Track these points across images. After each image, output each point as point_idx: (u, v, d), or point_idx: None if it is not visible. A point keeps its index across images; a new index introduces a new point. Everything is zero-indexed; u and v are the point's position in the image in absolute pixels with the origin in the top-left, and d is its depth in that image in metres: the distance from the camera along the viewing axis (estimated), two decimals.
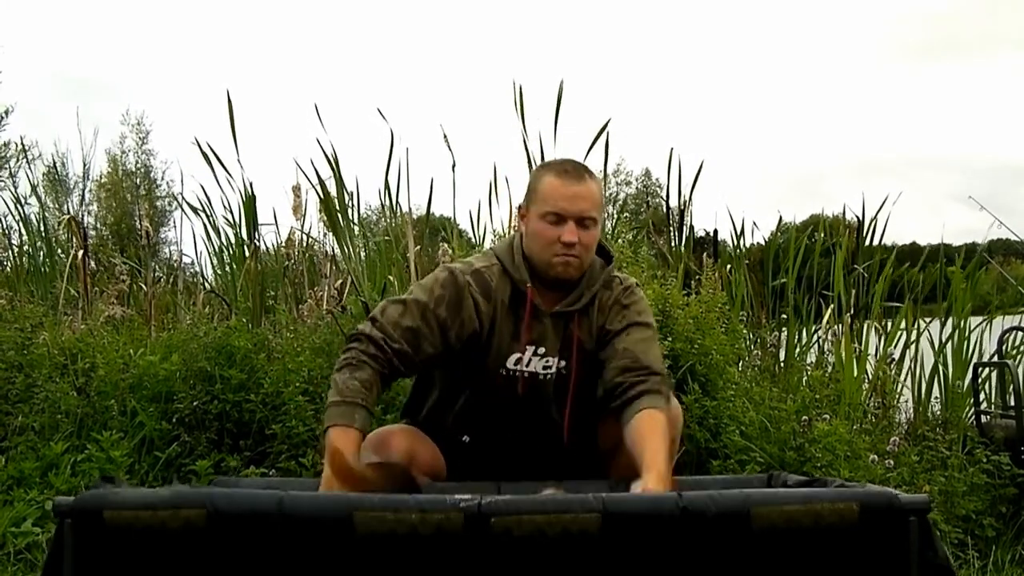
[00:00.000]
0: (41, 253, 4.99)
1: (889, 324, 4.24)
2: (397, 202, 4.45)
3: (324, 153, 4.26)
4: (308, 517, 1.43)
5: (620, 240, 3.97)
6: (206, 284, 5.11)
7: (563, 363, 2.03)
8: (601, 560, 1.44)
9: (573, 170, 2.04)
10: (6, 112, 19.39)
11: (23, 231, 5.03)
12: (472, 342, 2.00)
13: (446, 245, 3.99)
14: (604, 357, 2.03)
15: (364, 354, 1.91)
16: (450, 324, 1.97)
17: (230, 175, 4.35)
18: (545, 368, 2.04)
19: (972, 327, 4.10)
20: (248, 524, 1.43)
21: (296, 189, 4.47)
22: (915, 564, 1.50)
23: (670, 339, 3.01)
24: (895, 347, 4.08)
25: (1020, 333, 3.97)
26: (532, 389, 2.04)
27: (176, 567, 1.44)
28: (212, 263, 4.90)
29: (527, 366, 2.03)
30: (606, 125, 4.20)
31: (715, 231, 4.66)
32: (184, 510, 1.41)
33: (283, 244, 4.65)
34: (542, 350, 2.03)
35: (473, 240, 4.75)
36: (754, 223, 5.10)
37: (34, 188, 6.36)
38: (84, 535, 1.41)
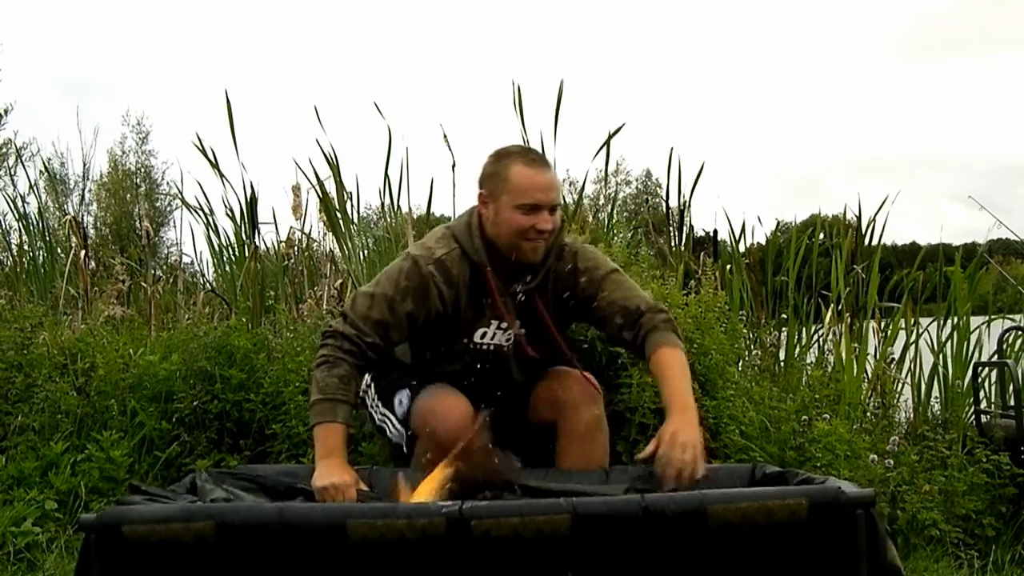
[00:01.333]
0: (41, 253, 4.98)
1: (887, 324, 4.24)
2: (397, 202, 4.45)
3: (324, 153, 4.27)
4: (306, 526, 1.58)
5: (618, 239, 3.96)
6: (206, 284, 5.12)
7: (522, 330, 2.20)
8: (573, 557, 1.58)
9: (539, 159, 2.17)
10: (5, 111, 19.36)
11: (23, 231, 5.03)
12: (437, 323, 2.14)
13: None
14: (597, 318, 2.21)
15: (340, 350, 2.04)
16: (416, 313, 2.10)
17: (226, 180, 4.35)
18: (507, 340, 2.21)
19: (972, 327, 4.09)
20: (253, 534, 1.58)
21: (296, 189, 4.48)
22: (863, 555, 1.61)
23: None
24: (895, 347, 4.08)
25: (1020, 333, 3.97)
26: (496, 359, 2.21)
27: (190, 574, 1.59)
28: (212, 263, 4.91)
29: (492, 339, 2.19)
30: (617, 131, 4.20)
31: (715, 231, 4.66)
32: (195, 523, 1.56)
33: (283, 244, 4.65)
34: (504, 324, 2.18)
35: None
36: (758, 219, 5.09)
37: (33, 187, 6.33)
38: (106, 549, 1.56)
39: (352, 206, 4.45)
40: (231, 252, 4.61)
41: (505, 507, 1.61)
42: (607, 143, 4.20)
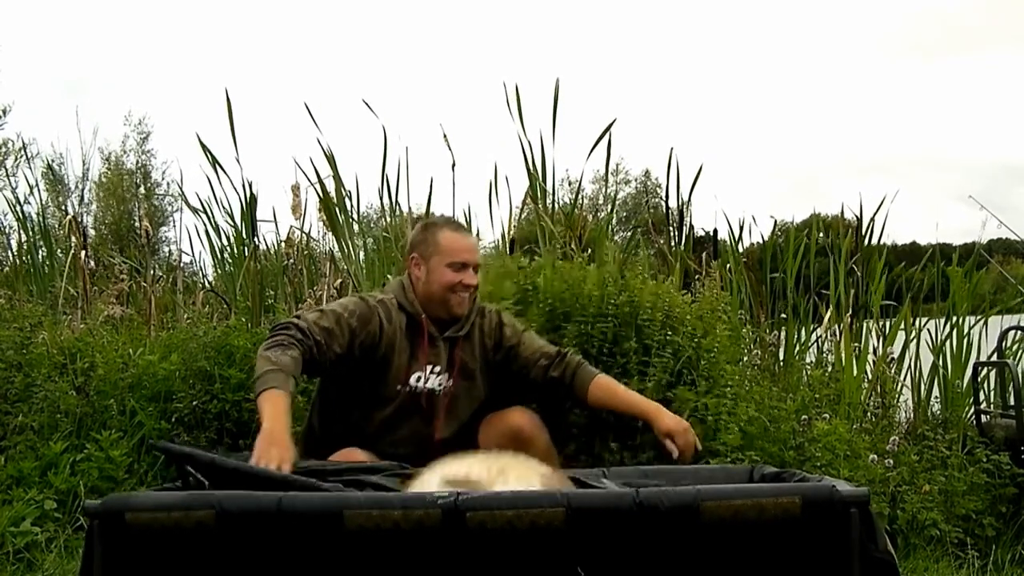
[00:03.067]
0: (40, 252, 4.97)
1: (887, 324, 4.24)
2: (397, 201, 4.45)
3: (323, 152, 4.26)
4: (304, 514, 1.60)
5: (617, 238, 3.96)
6: (206, 283, 5.11)
7: (449, 379, 2.42)
8: (567, 550, 1.60)
9: (463, 226, 2.62)
10: (5, 111, 19.36)
11: (22, 230, 5.02)
12: (375, 358, 2.32)
13: None
14: (523, 363, 2.49)
15: (292, 338, 2.18)
16: (358, 332, 2.29)
17: (228, 175, 4.34)
18: (439, 385, 2.41)
19: (971, 326, 4.09)
20: (252, 521, 1.60)
21: (295, 188, 4.47)
22: (856, 554, 1.62)
23: (670, 334, 3.00)
24: (894, 346, 4.07)
25: (1020, 332, 3.97)
26: (430, 402, 2.39)
27: (191, 560, 1.61)
28: (212, 262, 4.90)
29: (426, 384, 2.38)
30: (609, 127, 4.20)
31: (715, 230, 4.66)
32: (195, 511, 1.59)
33: (283, 244, 4.65)
34: (438, 368, 2.40)
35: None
36: (753, 218, 5.04)
37: (34, 187, 6.33)
38: (109, 535, 1.59)
39: (352, 205, 4.45)
40: (231, 251, 4.60)
41: (500, 499, 1.62)
42: (601, 139, 4.18)
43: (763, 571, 1.66)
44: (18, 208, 5.06)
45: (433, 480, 1.83)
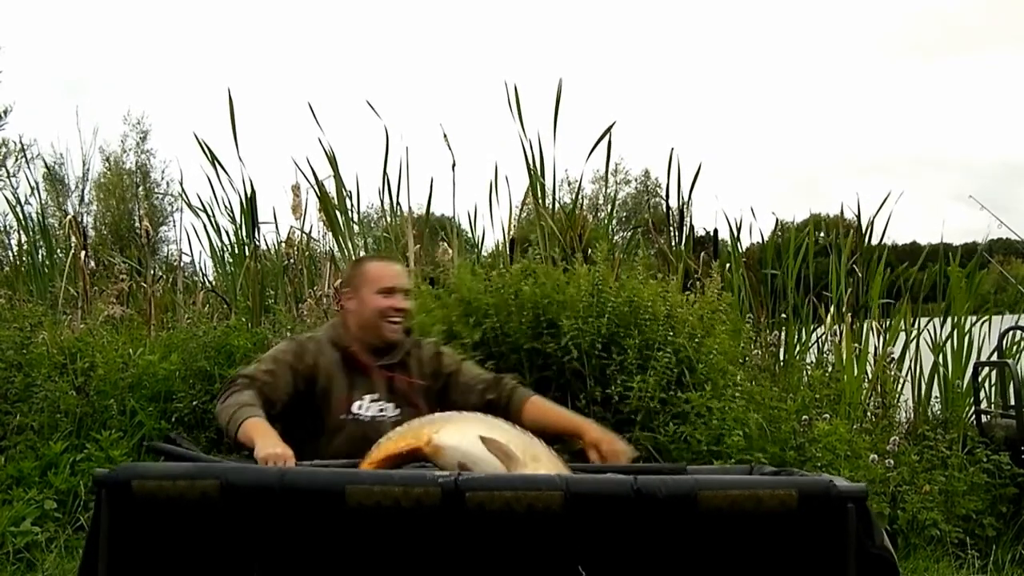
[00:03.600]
0: (40, 252, 4.97)
1: (888, 323, 4.24)
2: (397, 201, 4.45)
3: (324, 152, 4.26)
4: (306, 489, 1.62)
5: (617, 239, 3.96)
6: (206, 283, 5.11)
7: (391, 405, 2.49)
8: (565, 534, 1.61)
9: (388, 257, 2.70)
10: (5, 112, 19.34)
11: (22, 231, 5.02)
12: (316, 390, 2.43)
13: (446, 244, 3.99)
14: (460, 393, 2.56)
15: (243, 385, 2.30)
16: (296, 365, 2.41)
17: (228, 175, 4.34)
18: (381, 412, 2.47)
19: (971, 325, 4.09)
20: (255, 495, 1.63)
21: (295, 188, 4.47)
22: (853, 550, 1.62)
23: (671, 335, 3.00)
24: (895, 346, 4.07)
25: (1020, 332, 3.97)
26: (376, 430, 2.40)
27: (195, 530, 1.65)
28: (212, 262, 4.90)
29: (368, 411, 2.46)
30: (610, 127, 4.20)
31: (715, 231, 4.65)
32: (200, 481, 1.61)
33: (283, 244, 4.65)
34: (377, 395, 2.47)
35: (473, 239, 4.75)
36: (752, 210, 5.05)
37: (34, 188, 6.32)
38: (116, 503, 1.62)
39: (352, 205, 4.45)
40: (231, 251, 4.60)
41: (500, 480, 1.64)
42: (601, 139, 4.19)
43: (759, 563, 1.67)
44: (18, 208, 5.06)
45: (470, 434, 1.89)
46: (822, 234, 4.70)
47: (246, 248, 4.38)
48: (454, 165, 4.21)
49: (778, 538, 1.65)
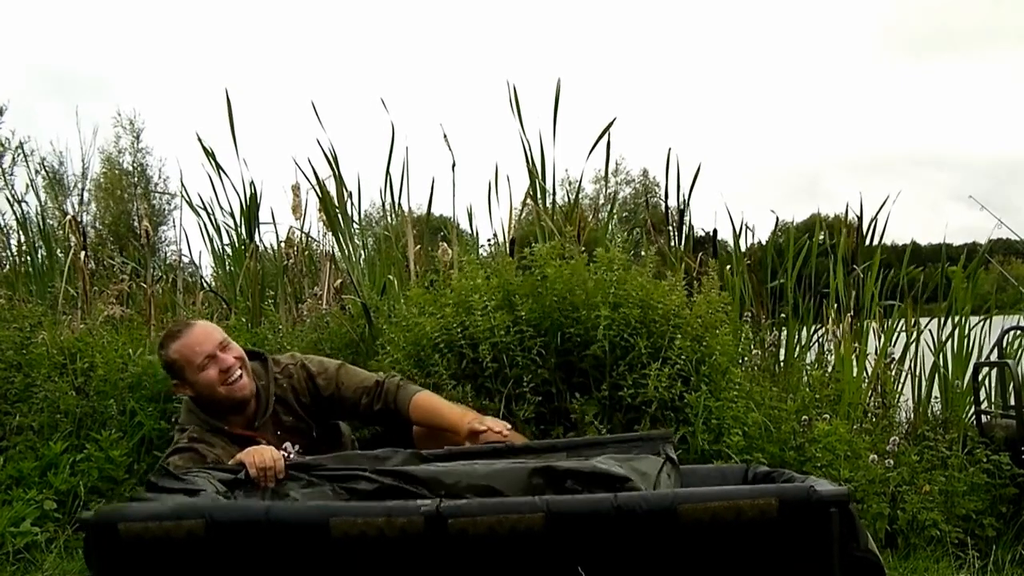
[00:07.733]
0: (40, 252, 4.97)
1: (888, 323, 4.23)
2: (398, 201, 4.45)
3: (324, 152, 4.26)
4: (291, 523, 1.65)
5: (617, 239, 3.95)
6: (205, 283, 5.10)
7: (290, 444, 2.42)
8: (548, 554, 1.64)
9: (183, 326, 2.54)
10: (1, 110, 19.34)
11: (21, 231, 5.01)
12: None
13: (446, 245, 3.98)
14: (347, 406, 2.56)
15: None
16: (208, 458, 2.36)
17: (227, 176, 4.34)
18: (288, 453, 2.38)
19: (972, 325, 4.09)
20: (241, 531, 1.66)
21: (295, 188, 4.47)
22: (836, 554, 1.65)
23: (679, 336, 2.99)
24: (895, 347, 4.07)
25: (1020, 332, 3.96)
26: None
27: (183, 569, 1.67)
28: (212, 262, 4.90)
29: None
30: (609, 126, 4.19)
31: (715, 231, 4.65)
32: (186, 521, 1.64)
33: (283, 244, 4.64)
34: (286, 446, 2.39)
35: (473, 239, 4.74)
36: (751, 216, 5.06)
37: (30, 186, 6.30)
38: (104, 546, 1.65)
39: (352, 205, 4.44)
40: (231, 251, 4.60)
41: (482, 506, 1.68)
42: (600, 138, 4.19)
43: (744, 572, 1.69)
44: (17, 208, 5.06)
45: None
46: (823, 235, 4.69)
47: (246, 248, 4.37)
48: (454, 165, 4.22)
49: (762, 546, 1.67)
